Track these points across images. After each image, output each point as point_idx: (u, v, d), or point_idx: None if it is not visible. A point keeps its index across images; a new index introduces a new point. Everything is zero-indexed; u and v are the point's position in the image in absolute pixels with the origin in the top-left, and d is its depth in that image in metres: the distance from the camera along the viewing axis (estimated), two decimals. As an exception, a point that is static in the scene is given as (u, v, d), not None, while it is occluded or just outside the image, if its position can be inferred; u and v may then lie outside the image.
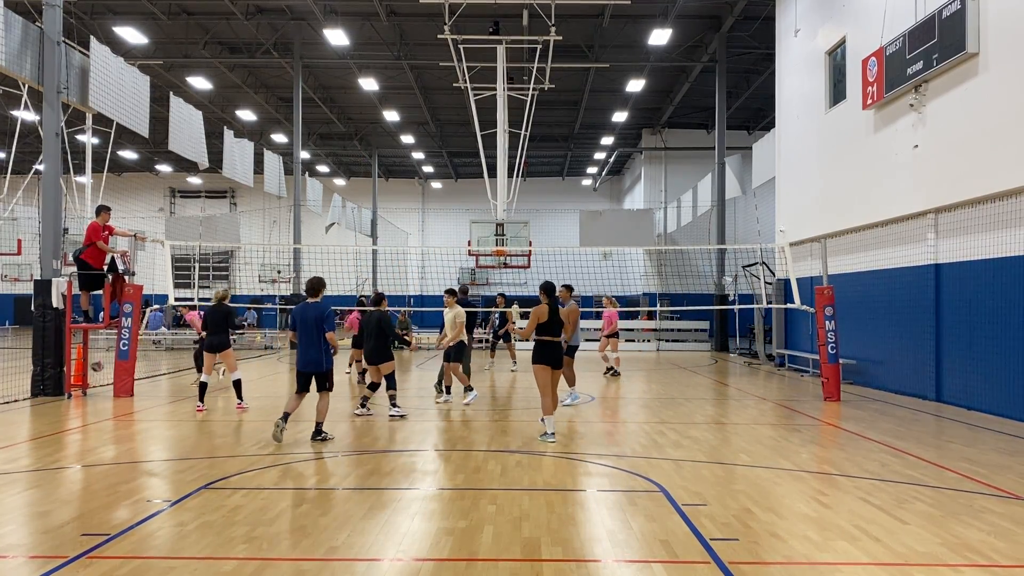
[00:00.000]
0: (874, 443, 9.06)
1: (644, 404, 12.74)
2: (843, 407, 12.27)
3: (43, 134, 13.43)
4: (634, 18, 23.41)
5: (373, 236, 39.56)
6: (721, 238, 26.65)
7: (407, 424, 10.32)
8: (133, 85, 15.58)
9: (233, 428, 10.03)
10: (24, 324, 41.40)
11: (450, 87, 24.57)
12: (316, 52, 26.52)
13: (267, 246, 41.43)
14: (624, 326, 29.48)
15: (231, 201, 46.94)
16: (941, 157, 12.66)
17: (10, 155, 15.08)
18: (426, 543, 5.29)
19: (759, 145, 22.93)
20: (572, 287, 12.09)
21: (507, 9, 21.20)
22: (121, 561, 4.86)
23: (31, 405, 11.97)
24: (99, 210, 13.07)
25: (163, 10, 23.02)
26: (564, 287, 11.84)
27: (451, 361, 12.20)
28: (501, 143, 20.96)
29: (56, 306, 12.93)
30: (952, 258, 12.54)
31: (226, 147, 22.15)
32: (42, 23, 13.36)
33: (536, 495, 6.59)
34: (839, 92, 16.70)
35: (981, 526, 5.70)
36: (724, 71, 25.58)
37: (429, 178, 47.77)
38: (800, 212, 18.68)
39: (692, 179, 32.51)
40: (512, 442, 9.05)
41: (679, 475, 7.32)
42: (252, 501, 6.32)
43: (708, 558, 4.99)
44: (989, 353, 11.47)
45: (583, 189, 47.63)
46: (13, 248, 31.42)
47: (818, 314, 13.35)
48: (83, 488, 6.84)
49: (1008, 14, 10.98)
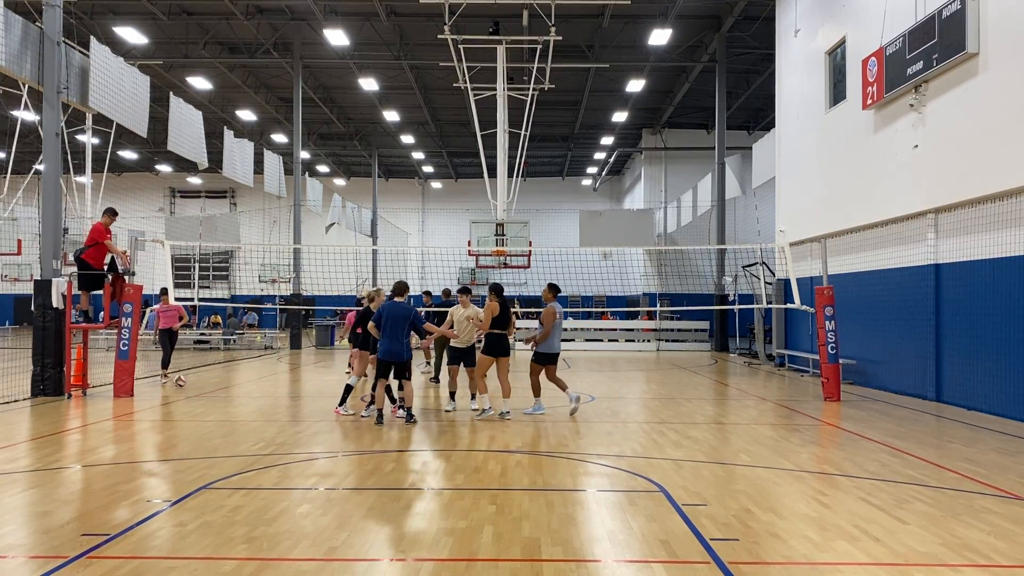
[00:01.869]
0: (874, 443, 9.06)
1: (644, 404, 12.74)
2: (843, 407, 12.27)
3: (43, 134, 13.43)
4: (634, 18, 23.42)
5: (373, 236, 39.57)
6: (721, 238, 26.65)
7: (407, 424, 10.31)
8: (133, 85, 15.58)
9: (233, 428, 10.03)
10: (24, 324, 41.42)
11: (450, 87, 24.57)
12: (316, 52, 26.52)
13: (267, 246, 41.42)
14: (624, 326, 29.58)
15: (231, 201, 46.95)
16: (941, 157, 12.66)
17: (10, 155, 15.08)
18: (426, 543, 5.29)
19: (759, 145, 22.94)
20: (558, 288, 11.43)
21: (507, 9, 21.21)
22: (121, 561, 4.86)
23: (31, 405, 11.97)
24: (106, 212, 13.13)
25: (163, 10, 23.03)
26: (549, 287, 11.42)
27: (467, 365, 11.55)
28: (501, 143, 20.96)
29: (56, 306, 12.93)
30: (952, 258, 12.54)
31: (226, 147, 22.15)
32: (42, 23, 13.35)
33: (536, 495, 6.59)
34: (839, 92, 16.70)
35: (981, 526, 5.70)
36: (724, 71, 25.59)
37: (429, 178, 47.78)
38: (800, 212, 18.68)
39: (692, 179, 32.52)
40: (512, 442, 9.05)
41: (679, 475, 7.32)
42: (252, 501, 6.31)
43: (708, 558, 4.99)
44: (989, 353, 11.48)
45: (583, 189, 47.63)
46: (13, 248, 31.42)
47: (818, 314, 13.35)
48: (83, 488, 6.83)
49: (1008, 14, 10.98)
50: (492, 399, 11.31)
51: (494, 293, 11.00)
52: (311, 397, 13.20)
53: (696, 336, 27.47)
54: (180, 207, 47.55)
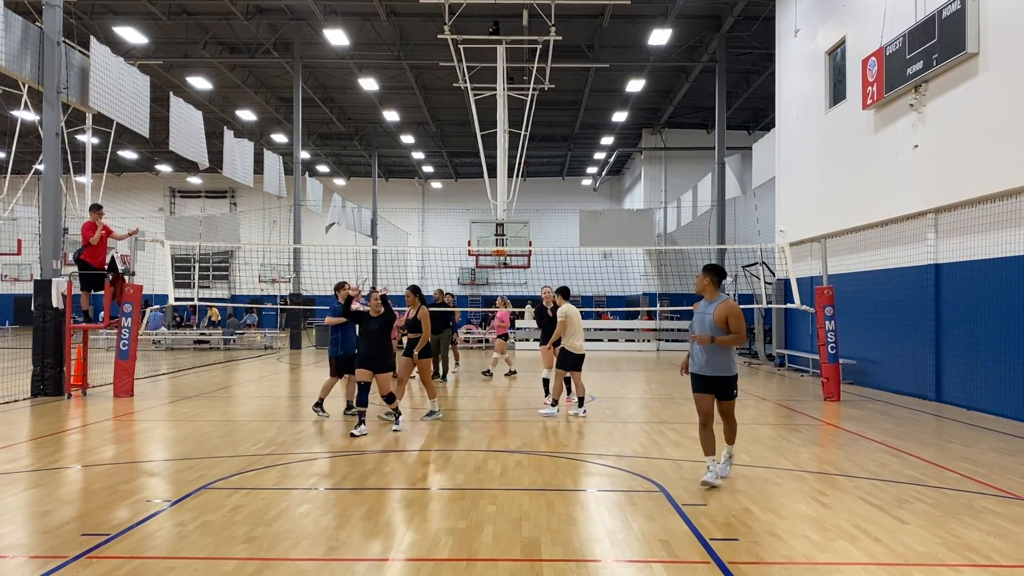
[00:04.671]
0: (874, 443, 9.06)
1: (644, 404, 12.74)
2: (843, 407, 12.27)
3: (43, 134, 13.43)
4: (634, 18, 23.41)
5: (373, 236, 39.56)
6: (721, 238, 26.65)
7: (407, 424, 10.31)
8: (133, 85, 15.58)
9: (233, 428, 10.02)
10: (24, 324, 41.42)
11: (450, 87, 24.58)
12: (316, 52, 26.52)
13: (267, 246, 41.42)
14: (624, 326, 29.59)
15: (231, 201, 46.94)
16: (941, 157, 12.66)
17: (10, 155, 15.08)
18: (426, 543, 5.29)
19: (759, 145, 22.94)
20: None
21: (507, 9, 21.20)
22: (121, 561, 4.86)
23: (31, 405, 11.97)
24: (91, 209, 13.13)
25: (163, 10, 23.02)
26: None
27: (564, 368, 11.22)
28: (501, 143, 20.96)
29: (56, 306, 12.94)
30: (952, 258, 12.54)
31: (226, 147, 22.14)
32: (42, 23, 13.36)
33: (536, 495, 6.59)
34: (839, 92, 16.70)
35: (981, 526, 5.70)
36: (724, 71, 25.58)
37: (429, 178, 47.76)
38: (800, 212, 18.68)
39: (692, 179, 32.53)
40: (512, 442, 9.05)
41: (679, 475, 7.32)
42: (252, 501, 6.31)
43: (708, 558, 4.99)
44: (989, 353, 11.47)
45: (583, 189, 47.63)
46: (13, 248, 31.42)
47: (818, 314, 13.35)
48: (83, 488, 6.83)
49: (1008, 14, 10.98)
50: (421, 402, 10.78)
51: (413, 293, 10.79)
52: (311, 397, 13.18)
53: (696, 336, 27.42)
54: (180, 207, 47.54)
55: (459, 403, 12.30)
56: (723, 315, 6.79)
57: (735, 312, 6.81)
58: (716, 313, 6.83)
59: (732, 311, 6.79)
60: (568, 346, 11.00)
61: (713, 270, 7.08)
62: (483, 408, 12.02)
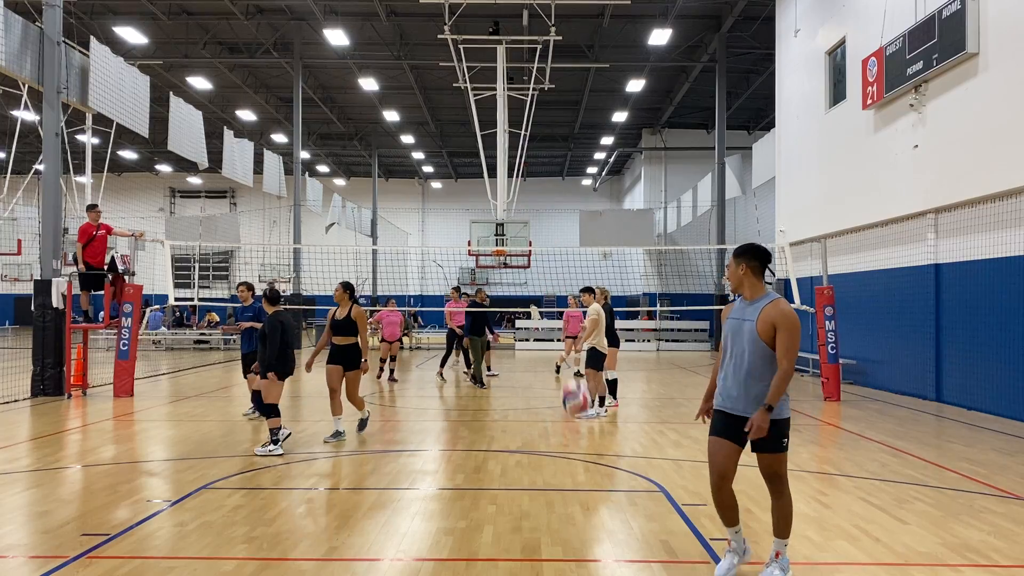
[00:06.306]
0: (874, 443, 9.06)
1: (644, 404, 12.73)
2: (843, 407, 12.27)
3: (43, 134, 13.42)
4: (634, 18, 23.40)
5: (373, 236, 39.56)
6: (721, 238, 26.66)
7: (407, 424, 10.32)
8: (133, 85, 15.58)
9: (233, 428, 10.02)
10: (24, 324, 41.42)
11: (450, 87, 24.56)
12: (316, 52, 26.51)
13: (267, 246, 41.42)
14: (624, 326, 29.58)
15: (231, 201, 46.95)
16: (941, 157, 12.66)
17: (10, 155, 15.07)
18: (426, 543, 5.29)
19: (759, 145, 22.94)
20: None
21: (507, 9, 21.20)
22: (121, 561, 4.86)
23: (31, 405, 11.97)
24: (88, 208, 13.14)
25: (163, 10, 23.02)
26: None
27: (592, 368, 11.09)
28: (501, 143, 20.97)
29: (56, 306, 12.93)
30: (952, 258, 12.54)
31: (226, 147, 22.15)
32: (42, 23, 13.35)
33: (536, 495, 6.59)
34: (839, 92, 16.70)
35: (981, 526, 5.70)
36: (724, 71, 25.58)
37: (429, 178, 47.78)
38: (800, 212, 18.68)
39: (692, 179, 32.53)
40: (512, 442, 9.05)
41: (679, 475, 7.32)
42: (252, 501, 6.31)
43: (708, 558, 4.99)
44: (989, 353, 11.47)
45: (583, 189, 47.63)
46: (13, 248, 31.43)
47: (818, 314, 13.35)
48: (83, 488, 6.83)
49: (1008, 14, 10.98)
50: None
51: (348, 291, 9.28)
52: (311, 397, 13.18)
53: (696, 336, 27.46)
54: (180, 207, 47.55)
55: (459, 403, 12.30)
56: (769, 322, 4.33)
57: (790, 320, 4.29)
58: (761, 320, 4.35)
59: (786, 318, 4.30)
60: (598, 345, 11.06)
61: (751, 252, 4.52)
62: (484, 408, 12.02)
